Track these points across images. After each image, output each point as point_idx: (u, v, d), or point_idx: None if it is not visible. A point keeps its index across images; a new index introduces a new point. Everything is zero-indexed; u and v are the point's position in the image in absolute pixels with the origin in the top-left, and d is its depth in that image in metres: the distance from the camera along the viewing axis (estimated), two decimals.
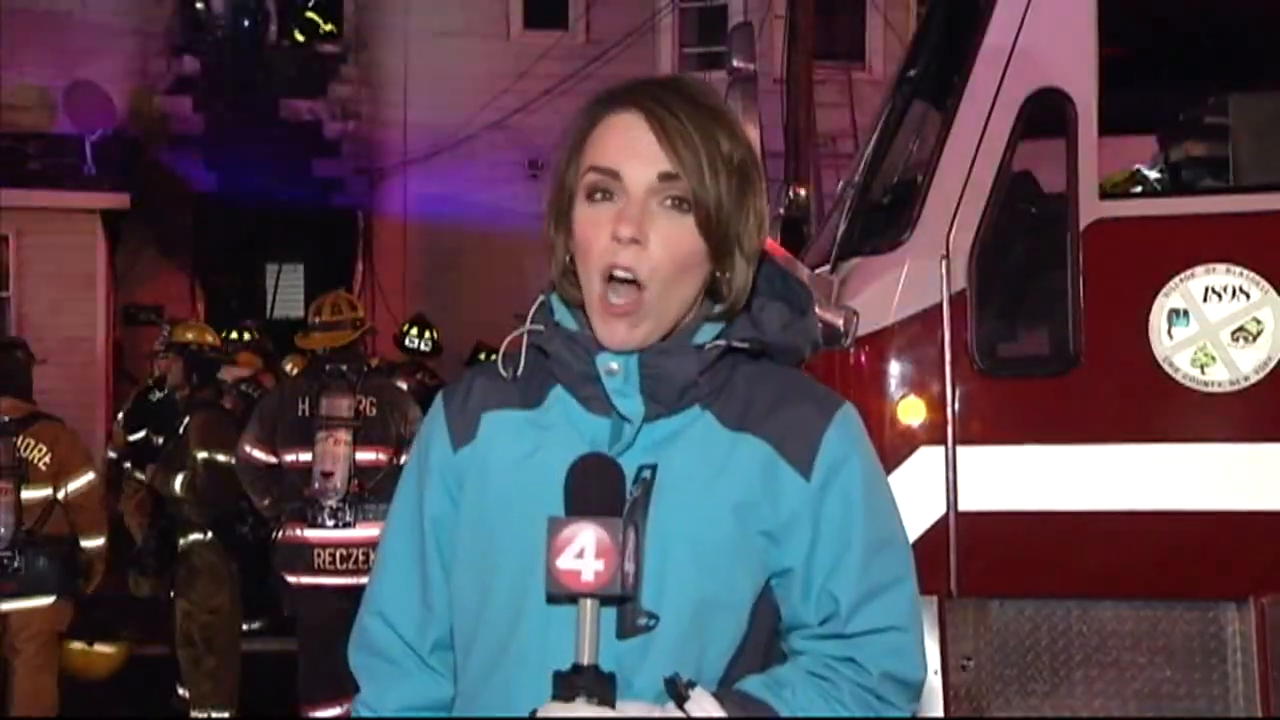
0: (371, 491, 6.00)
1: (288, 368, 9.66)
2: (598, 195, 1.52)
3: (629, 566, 1.38)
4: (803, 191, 5.64)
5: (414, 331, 10.55)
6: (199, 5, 16.10)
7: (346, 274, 15.67)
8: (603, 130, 1.53)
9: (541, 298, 1.61)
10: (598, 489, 1.42)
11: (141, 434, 8.21)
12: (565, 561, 1.36)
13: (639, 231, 1.49)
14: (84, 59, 14.82)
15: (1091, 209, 3.56)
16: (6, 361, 6.26)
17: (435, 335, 10.56)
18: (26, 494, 5.95)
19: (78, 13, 15.10)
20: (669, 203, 1.51)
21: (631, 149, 1.51)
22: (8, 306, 13.79)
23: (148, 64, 15.55)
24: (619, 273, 1.50)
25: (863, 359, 3.54)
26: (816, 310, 1.66)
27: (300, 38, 16.42)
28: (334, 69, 16.11)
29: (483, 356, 10.51)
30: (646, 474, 1.50)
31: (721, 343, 1.57)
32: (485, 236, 15.43)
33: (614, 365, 1.53)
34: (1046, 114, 3.60)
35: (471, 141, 15.73)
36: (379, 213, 16.08)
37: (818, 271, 3.82)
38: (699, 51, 16.10)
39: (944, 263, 3.50)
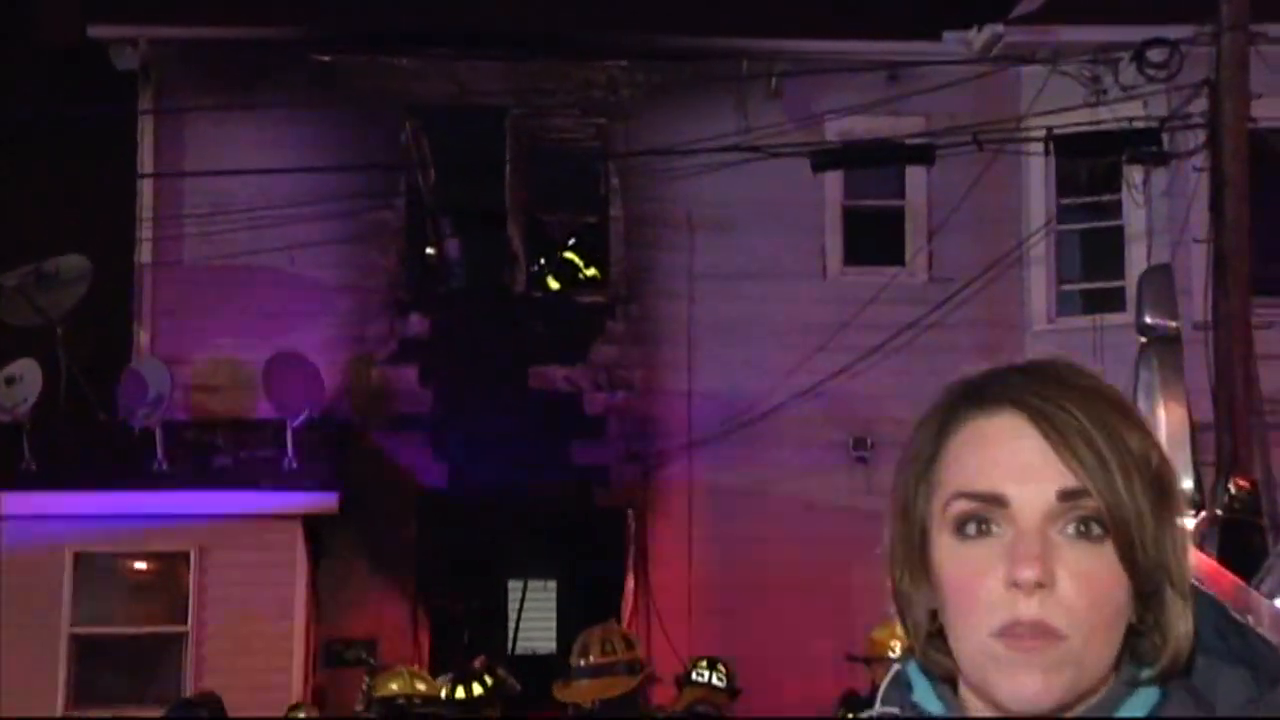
0: None
1: None
2: (971, 528, 1.52)
3: None
4: (1246, 483, 5.39)
5: (703, 663, 10.44)
6: (429, 251, 17.03)
7: (612, 595, 15.85)
8: (967, 441, 1.55)
9: (897, 668, 1.63)
10: None
11: None
12: None
13: (1044, 573, 1.48)
14: (289, 324, 15.92)
15: None
16: None
17: (730, 671, 10.43)
18: None
19: (284, 269, 16.17)
20: (1073, 528, 1.50)
21: (1017, 464, 1.51)
22: (184, 645, 14.38)
23: (365, 327, 16.42)
24: (1023, 632, 1.50)
25: None
26: None
27: (555, 285, 17.27)
28: (598, 324, 16.67)
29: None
30: None
31: None
32: (797, 541, 15.67)
33: None
34: None
35: (777, 415, 16.07)
36: (656, 512, 16.30)
37: None
38: (1084, 288, 16.41)
39: None
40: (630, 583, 16.06)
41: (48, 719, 13.75)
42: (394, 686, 8.26)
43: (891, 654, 8.58)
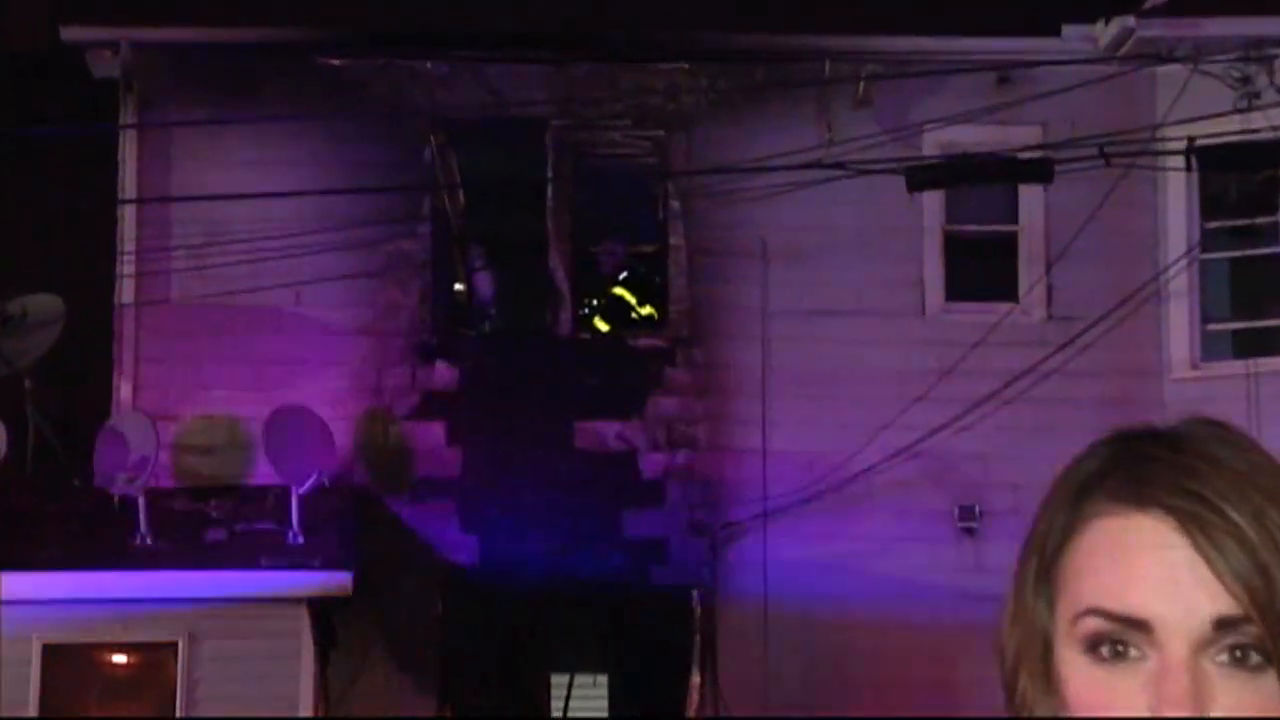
0: None
1: None
2: (1106, 650, 1.52)
3: None
4: None
5: None
6: (457, 288, 16.86)
7: (675, 691, 15.68)
8: (1101, 545, 1.53)
9: None
10: None
11: None
12: None
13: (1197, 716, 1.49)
14: (294, 374, 15.81)
15: None
16: None
17: None
18: None
19: (288, 308, 16.06)
20: (1227, 656, 1.50)
21: (1163, 582, 1.50)
22: None
23: (383, 377, 16.20)
24: None
25: None
26: None
27: (605, 327, 17.01)
28: (655, 372, 16.48)
29: None
30: None
31: None
32: (892, 629, 15.53)
33: None
34: None
35: (868, 478, 15.90)
36: (726, 594, 16.05)
37: None
38: (1234, 328, 16.19)
39: None
40: (696, 677, 15.82)
41: None
42: None
43: None
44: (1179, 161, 15.17)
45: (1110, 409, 14.94)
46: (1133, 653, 1.51)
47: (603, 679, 17.33)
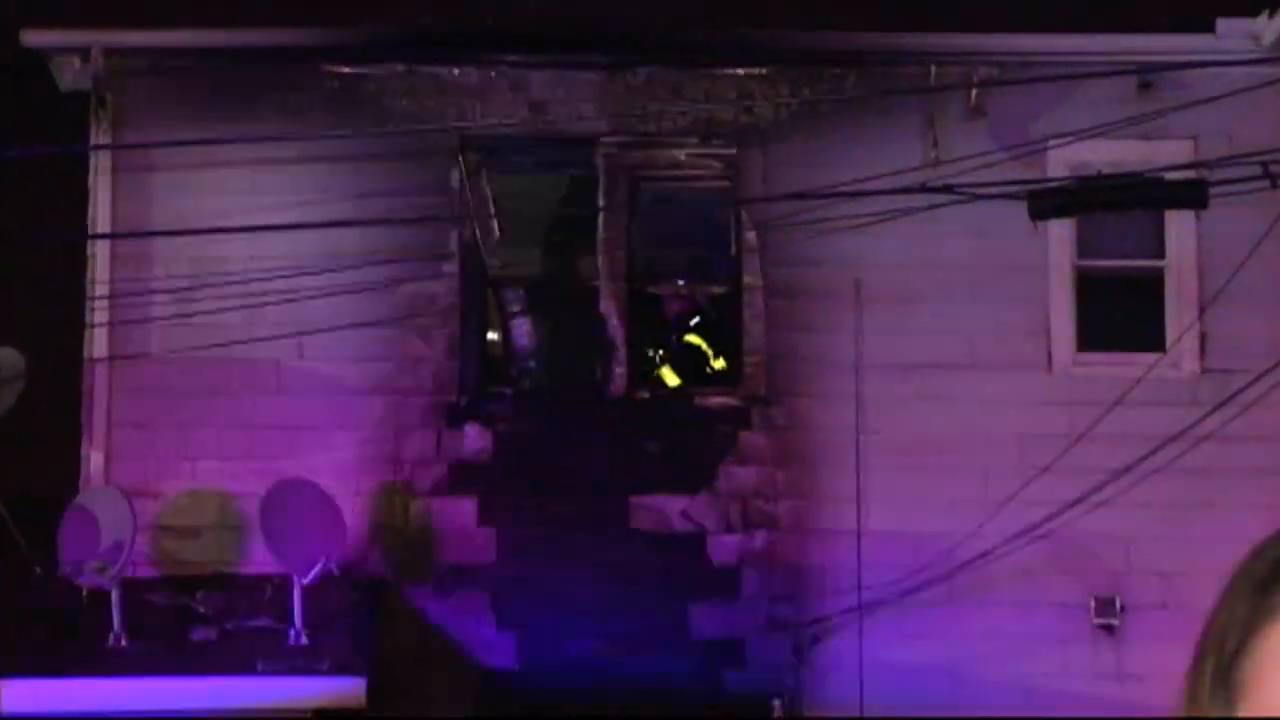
0: None
1: None
2: None
3: None
4: None
5: None
6: (491, 337, 16.82)
7: None
8: None
9: None
10: None
11: None
12: None
13: None
14: (297, 441, 15.77)
15: None
16: None
17: None
18: None
19: (290, 362, 15.95)
20: None
21: None
22: None
23: (402, 443, 16.07)
24: None
25: None
26: None
27: (672, 381, 16.94)
28: (727, 437, 16.31)
29: None
30: None
31: None
32: None
33: None
34: None
35: (984, 565, 15.71)
36: (814, 703, 15.94)
37: None
38: None
39: None
40: None
41: None
42: None
43: None
44: None
45: (1277, 480, 15.12)
46: None
47: None
